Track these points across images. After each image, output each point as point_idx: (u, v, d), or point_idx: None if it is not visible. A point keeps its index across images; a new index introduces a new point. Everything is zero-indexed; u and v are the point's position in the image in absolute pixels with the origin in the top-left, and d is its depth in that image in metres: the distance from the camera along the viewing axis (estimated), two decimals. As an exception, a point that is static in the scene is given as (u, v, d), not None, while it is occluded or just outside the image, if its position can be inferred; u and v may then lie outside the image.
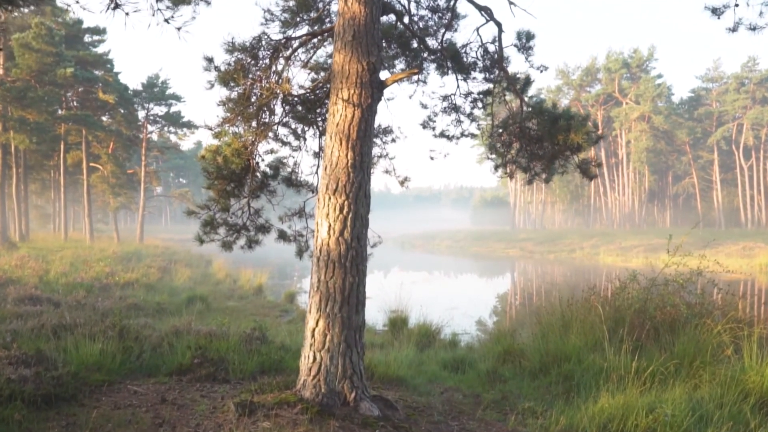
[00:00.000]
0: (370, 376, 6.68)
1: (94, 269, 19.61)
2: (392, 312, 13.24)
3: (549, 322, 9.66)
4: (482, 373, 7.68)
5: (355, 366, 5.11)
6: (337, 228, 5.07)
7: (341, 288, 5.03)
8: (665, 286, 9.03)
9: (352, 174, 5.12)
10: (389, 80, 5.33)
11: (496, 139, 7.62)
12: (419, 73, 7.54)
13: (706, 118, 71.95)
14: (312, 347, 5.08)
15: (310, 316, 5.16)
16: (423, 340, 10.64)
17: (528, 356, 8.34)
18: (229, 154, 5.86)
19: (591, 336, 8.49)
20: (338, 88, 5.24)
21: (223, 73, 5.74)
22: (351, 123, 5.16)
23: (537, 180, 7.68)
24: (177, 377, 6.38)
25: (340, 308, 5.03)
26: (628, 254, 47.15)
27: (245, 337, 8.06)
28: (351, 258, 5.06)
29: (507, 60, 7.34)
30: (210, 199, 6.64)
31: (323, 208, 5.16)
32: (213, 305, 15.81)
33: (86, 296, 13.37)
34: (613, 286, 9.85)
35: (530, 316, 15.10)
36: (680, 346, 7.45)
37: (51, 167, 44.65)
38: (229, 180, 6.59)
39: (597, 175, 7.96)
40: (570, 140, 6.14)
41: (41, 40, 28.67)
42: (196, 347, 7.33)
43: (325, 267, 5.08)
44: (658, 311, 8.61)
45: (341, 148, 5.14)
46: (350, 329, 5.07)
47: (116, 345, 6.95)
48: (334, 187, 5.13)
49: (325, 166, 5.25)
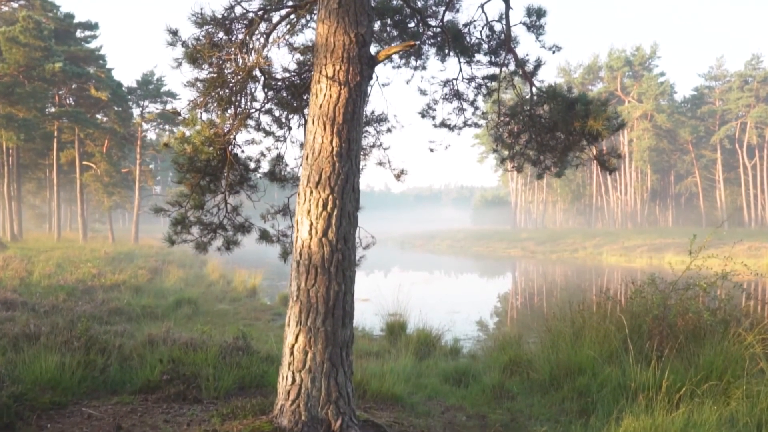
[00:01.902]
0: (362, 394, 5.94)
1: (81, 270, 18.87)
2: (390, 315, 12.51)
3: (558, 329, 8.92)
4: (487, 387, 6.94)
5: (342, 388, 4.36)
6: (320, 227, 4.32)
7: (325, 297, 4.29)
8: (686, 290, 8.29)
9: (337, 164, 4.37)
10: (381, 55, 4.59)
11: (502, 129, 6.87)
12: (415, 47, 6.79)
13: (709, 117, 71.19)
14: (291, 367, 4.34)
15: (288, 330, 4.42)
16: (422, 348, 9.88)
17: (537, 367, 7.61)
18: (198, 143, 5.11)
19: (606, 345, 7.75)
20: (322, 64, 4.50)
21: (191, 49, 5.00)
22: (336, 104, 4.42)
23: (548, 174, 6.93)
24: (143, 396, 5.63)
25: (324, 321, 4.29)
26: (631, 254, 46.41)
27: (226, 348, 7.33)
28: (336, 262, 4.32)
29: (515, 41, 6.59)
30: (181, 195, 5.89)
31: (304, 204, 4.42)
32: (202, 308, 15.05)
33: (65, 300, 12.62)
34: (629, 290, 9.13)
35: (536, 320, 14.36)
36: (707, 358, 6.71)
37: (46, 166, 43.90)
38: (204, 173, 5.85)
39: (617, 168, 7.25)
40: (588, 127, 5.38)
41: (29, 34, 27.86)
42: (169, 360, 6.59)
43: (306, 273, 4.33)
44: (680, 318, 7.87)
45: (325, 133, 4.40)
46: (335, 345, 4.32)
47: (80, 358, 6.21)
48: (316, 179, 4.38)
49: (306, 155, 4.51)
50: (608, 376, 6.81)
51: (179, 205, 5.85)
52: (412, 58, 7.86)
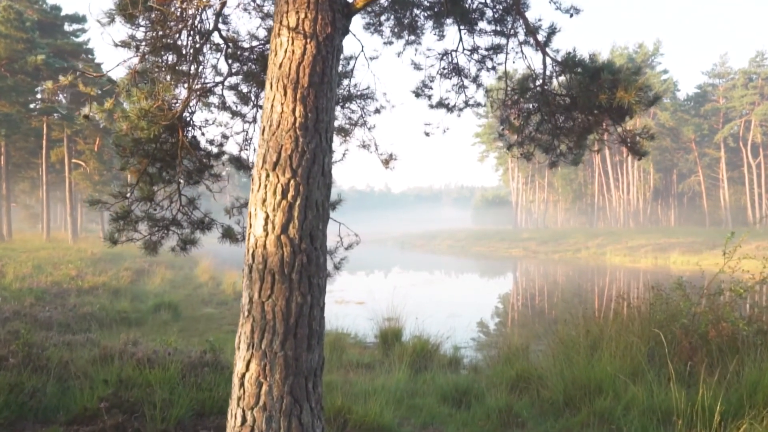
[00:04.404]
0: (341, 425, 4.95)
1: (59, 272, 17.87)
2: (386, 320, 11.51)
3: (571, 339, 7.93)
4: (492, 410, 5.94)
5: (308, 429, 3.36)
6: (279, 221, 3.32)
7: (284, 312, 3.29)
8: (717, 295, 7.31)
9: (301, 139, 3.38)
10: (359, 1, 3.59)
11: (509, 109, 5.87)
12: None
13: (712, 115, 70.17)
14: (240, 403, 3.34)
15: (238, 355, 3.42)
16: (418, 360, 8.88)
17: (548, 384, 6.62)
18: (134, 117, 4.10)
19: (628, 359, 6.76)
20: (283, 11, 3.50)
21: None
22: (301, 63, 3.42)
23: (562, 162, 5.93)
24: (75, 428, 4.64)
25: (283, 343, 3.29)
26: (635, 254, 45.41)
27: (189, 363, 6.33)
28: (299, 267, 3.32)
29: (525, 3, 5.60)
30: (125, 185, 4.89)
31: (258, 191, 3.42)
32: (185, 313, 14.07)
33: (32, 305, 11.62)
34: (649, 294, 8.14)
35: (543, 326, 13.37)
36: (751, 375, 5.72)
37: (39, 165, 42.84)
38: (153, 158, 4.84)
39: (648, 152, 6.28)
40: (618, 100, 4.38)
41: (10, 24, 26.80)
42: (119, 380, 5.61)
43: (261, 281, 3.34)
44: (712, 328, 6.88)
45: (285, 100, 3.40)
46: (298, 375, 3.32)
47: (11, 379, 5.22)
48: (274, 159, 3.38)
49: (262, 129, 3.51)
50: (634, 397, 5.83)
51: (123, 196, 4.85)
52: (405, 32, 6.87)
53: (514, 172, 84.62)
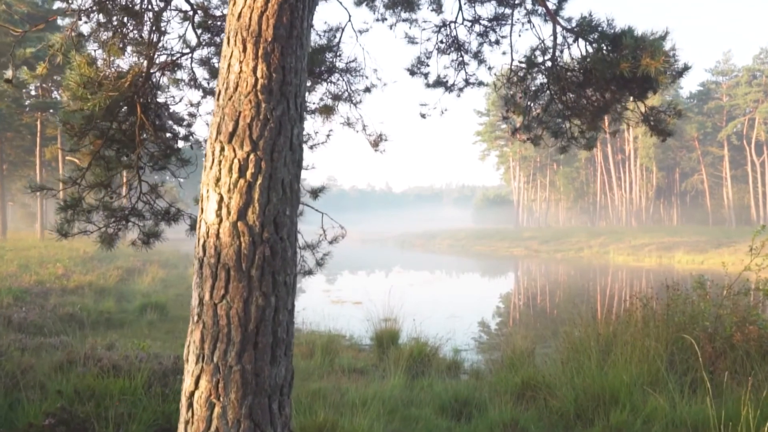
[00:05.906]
0: (323, 445, 4.32)
1: (46, 271, 17.26)
2: (383, 320, 10.89)
3: (581, 342, 7.30)
4: (496, 424, 5.31)
5: (273, 459, 2.74)
6: (235, 204, 2.70)
7: (242, 317, 2.67)
8: (743, 295, 6.68)
9: (264, 105, 2.75)
10: (336, -62, 2.96)
11: (515, 87, 5.24)
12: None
13: (716, 113, 69.51)
14: (189, 428, 2.72)
15: (186, 369, 2.80)
16: (415, 364, 8.26)
17: (557, 393, 5.99)
18: (74, 84, 3.48)
19: (645, 366, 6.13)
20: (243, -50, 2.88)
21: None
22: (264, 12, 2.80)
23: (574, 145, 5.30)
24: (16, 449, 4.03)
25: (240, 355, 2.67)
26: (639, 253, 44.76)
27: (161, 371, 5.72)
28: (261, 261, 2.70)
29: (532, -33, 4.96)
30: (76, 170, 4.27)
31: (211, 168, 2.80)
32: (173, 313, 13.43)
33: (9, 305, 11.01)
34: (666, 294, 7.51)
35: (548, 327, 12.74)
36: (783, 385, 5.10)
37: (34, 163, 42.21)
38: (108, 139, 4.22)
39: (673, 133, 5.65)
40: (643, 68, 3.75)
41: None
42: (75, 391, 4.99)
43: (213, 278, 2.71)
44: (737, 331, 6.25)
45: (245, 58, 2.78)
46: (259, 394, 2.70)
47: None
48: (230, 129, 2.76)
49: (217, 93, 2.89)
50: (654, 410, 5.22)
51: (73, 182, 4.23)
52: (400, 7, 6.24)
53: (515, 171, 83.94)
